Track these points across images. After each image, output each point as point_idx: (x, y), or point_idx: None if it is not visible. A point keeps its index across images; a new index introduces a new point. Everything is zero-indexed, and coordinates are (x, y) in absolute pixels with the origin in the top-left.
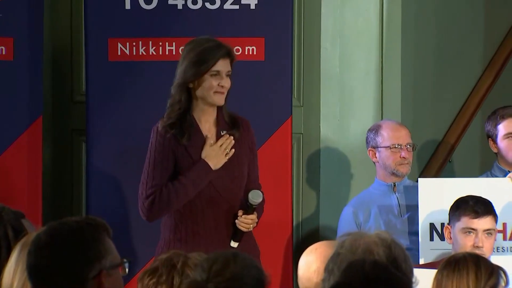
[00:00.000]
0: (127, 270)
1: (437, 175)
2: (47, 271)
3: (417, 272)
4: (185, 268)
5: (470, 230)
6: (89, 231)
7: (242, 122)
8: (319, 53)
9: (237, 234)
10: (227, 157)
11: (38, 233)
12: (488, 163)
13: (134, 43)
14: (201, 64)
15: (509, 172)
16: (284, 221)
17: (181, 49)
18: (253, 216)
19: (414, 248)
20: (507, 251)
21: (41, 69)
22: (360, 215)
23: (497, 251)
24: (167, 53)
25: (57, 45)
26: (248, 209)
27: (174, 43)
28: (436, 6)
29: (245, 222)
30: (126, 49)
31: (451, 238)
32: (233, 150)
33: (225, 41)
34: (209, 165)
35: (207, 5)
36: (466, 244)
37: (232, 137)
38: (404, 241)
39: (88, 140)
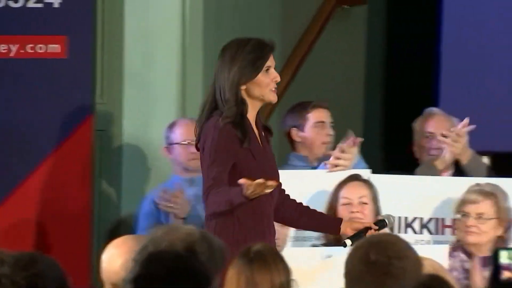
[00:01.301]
0: None
1: None
2: None
3: None
4: None
5: None
6: None
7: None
8: (122, 51)
9: (355, 236)
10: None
11: None
12: (285, 158)
13: None
14: (256, 60)
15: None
16: (83, 217)
17: None
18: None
19: None
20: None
21: None
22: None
23: (296, 240)
24: None
25: None
26: (379, 226)
27: None
28: (236, 5)
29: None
30: None
31: None
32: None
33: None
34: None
35: (10, 3)
36: None
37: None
38: None
39: None
